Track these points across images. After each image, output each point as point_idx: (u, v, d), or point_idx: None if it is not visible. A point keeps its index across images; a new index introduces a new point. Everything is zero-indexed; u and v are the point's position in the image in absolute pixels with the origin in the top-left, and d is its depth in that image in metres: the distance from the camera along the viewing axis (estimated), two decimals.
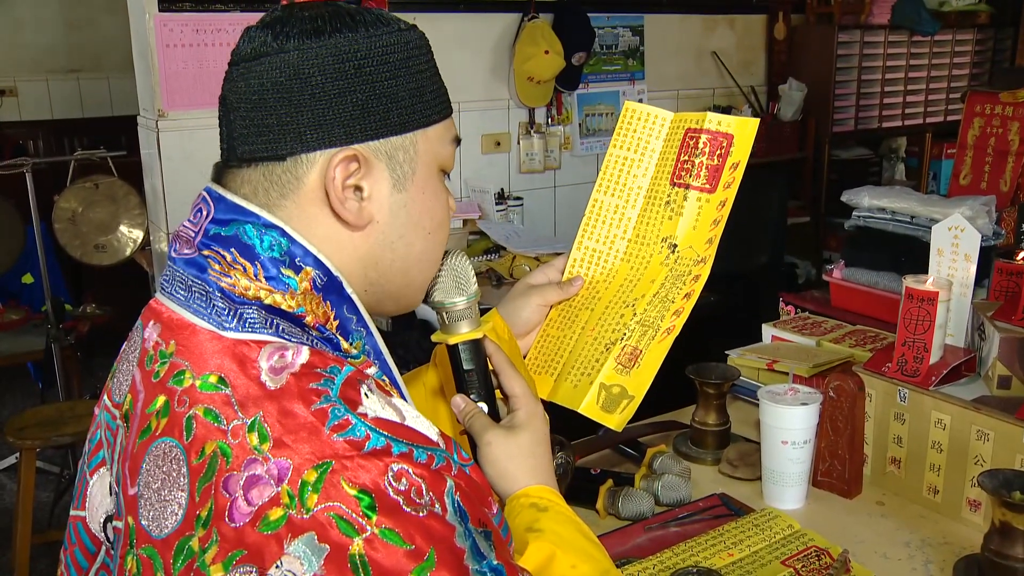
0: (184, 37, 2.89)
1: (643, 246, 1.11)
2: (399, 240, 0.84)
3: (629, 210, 1.13)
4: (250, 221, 0.78)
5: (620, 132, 1.15)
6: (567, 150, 3.80)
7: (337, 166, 0.78)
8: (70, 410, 2.98)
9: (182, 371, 0.73)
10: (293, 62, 0.77)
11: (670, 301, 1.05)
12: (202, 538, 0.67)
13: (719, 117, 1.07)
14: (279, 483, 0.66)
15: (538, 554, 0.82)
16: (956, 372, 1.40)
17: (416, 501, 0.67)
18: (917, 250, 1.80)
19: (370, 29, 0.79)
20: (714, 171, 1.06)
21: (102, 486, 0.83)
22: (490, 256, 3.14)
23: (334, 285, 0.80)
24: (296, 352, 0.72)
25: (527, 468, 0.91)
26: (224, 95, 0.81)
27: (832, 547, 1.23)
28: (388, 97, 0.79)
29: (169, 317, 0.78)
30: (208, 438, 0.69)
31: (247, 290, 0.76)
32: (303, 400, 0.69)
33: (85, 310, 3.86)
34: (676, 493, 1.38)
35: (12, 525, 2.98)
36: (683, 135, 1.09)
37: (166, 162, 2.94)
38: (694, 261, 1.06)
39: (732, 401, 1.70)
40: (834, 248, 4.18)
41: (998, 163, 2.22)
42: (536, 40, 3.44)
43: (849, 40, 4.27)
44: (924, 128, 4.59)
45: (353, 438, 0.68)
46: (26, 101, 5.31)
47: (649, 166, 1.13)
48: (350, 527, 0.65)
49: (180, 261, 0.79)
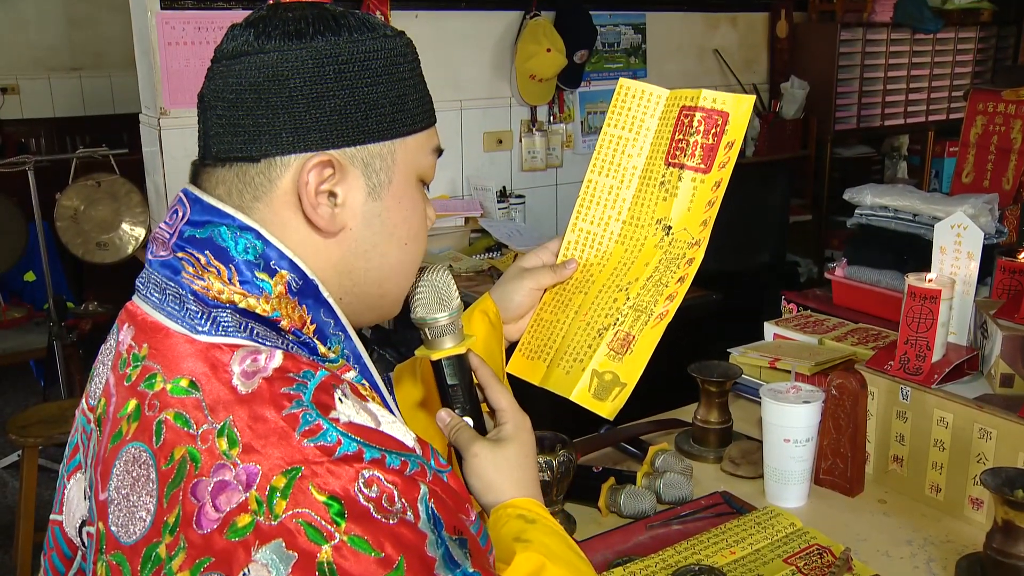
0: (186, 35, 2.89)
1: (637, 228, 1.10)
2: (373, 250, 0.82)
3: (624, 191, 1.12)
4: (225, 223, 0.77)
5: (614, 110, 1.13)
6: (569, 148, 3.80)
7: (311, 171, 0.77)
8: (72, 408, 2.95)
9: (153, 375, 0.72)
10: (272, 63, 0.75)
11: (663, 285, 1.03)
12: (169, 544, 0.66)
13: (714, 94, 1.06)
14: (247, 489, 0.65)
15: (527, 564, 0.81)
16: (958, 370, 1.40)
17: (387, 508, 0.66)
18: (919, 248, 1.80)
19: (354, 34, 0.78)
20: (709, 150, 1.05)
21: (78, 490, 0.82)
22: (492, 254, 3.14)
23: (310, 289, 0.79)
24: (269, 356, 0.71)
25: (514, 480, 0.90)
26: (203, 92, 0.80)
27: (834, 545, 1.23)
28: (367, 103, 0.78)
29: (143, 320, 0.77)
30: (177, 443, 0.68)
31: (220, 293, 0.75)
32: (274, 405, 0.68)
33: (87, 308, 3.87)
34: (678, 491, 1.38)
35: (15, 522, 2.98)
36: (678, 113, 1.08)
37: (168, 160, 2.94)
38: (688, 244, 1.04)
39: (734, 399, 1.69)
40: (836, 246, 4.17)
41: (1001, 161, 2.22)
42: (538, 38, 3.44)
43: (851, 38, 4.27)
44: (926, 126, 4.59)
45: (324, 443, 0.67)
46: (28, 99, 5.31)
47: (644, 145, 1.11)
48: (318, 534, 0.64)
49: (155, 263, 0.78)
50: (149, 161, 3.10)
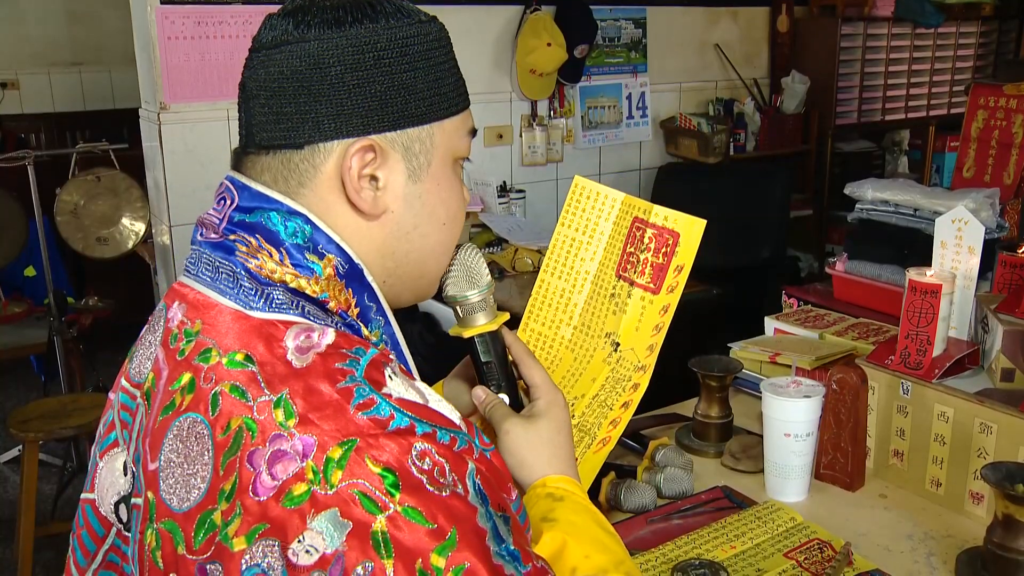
0: (186, 29, 2.88)
1: (588, 337, 1.07)
2: (414, 231, 0.84)
3: (576, 295, 1.09)
4: (274, 208, 0.79)
5: (568, 210, 1.10)
6: (569, 143, 3.79)
7: (354, 156, 0.79)
8: (73, 403, 2.99)
9: (208, 349, 0.74)
10: (313, 51, 0.77)
11: (608, 407, 1.02)
12: (225, 511, 0.67)
13: (666, 212, 1.03)
14: (303, 459, 0.66)
15: (551, 543, 0.82)
16: (959, 365, 1.40)
17: (439, 481, 0.67)
18: (920, 243, 1.80)
19: (390, 20, 0.79)
20: (659, 270, 1.02)
21: (112, 468, 0.83)
22: (492, 249, 3.14)
23: (355, 273, 0.81)
24: (322, 333, 0.73)
25: (546, 457, 0.91)
26: (244, 82, 0.82)
27: (834, 539, 1.23)
28: (406, 89, 0.80)
29: (195, 298, 0.78)
30: (234, 413, 0.70)
31: (273, 273, 0.77)
32: (328, 379, 0.70)
33: (87, 303, 3.87)
34: (678, 486, 1.38)
35: (15, 517, 2.99)
36: (631, 223, 1.05)
37: (168, 155, 2.94)
38: (635, 367, 1.02)
39: (735, 394, 1.69)
40: (837, 241, 4.17)
41: (1002, 155, 2.22)
42: (538, 32, 3.43)
43: (852, 32, 4.26)
44: (927, 121, 4.57)
45: (378, 417, 0.68)
46: (28, 94, 5.30)
47: (597, 250, 1.08)
48: (373, 504, 0.65)
49: (206, 244, 0.80)
50: (149, 156, 3.10)
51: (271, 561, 0.65)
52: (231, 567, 0.66)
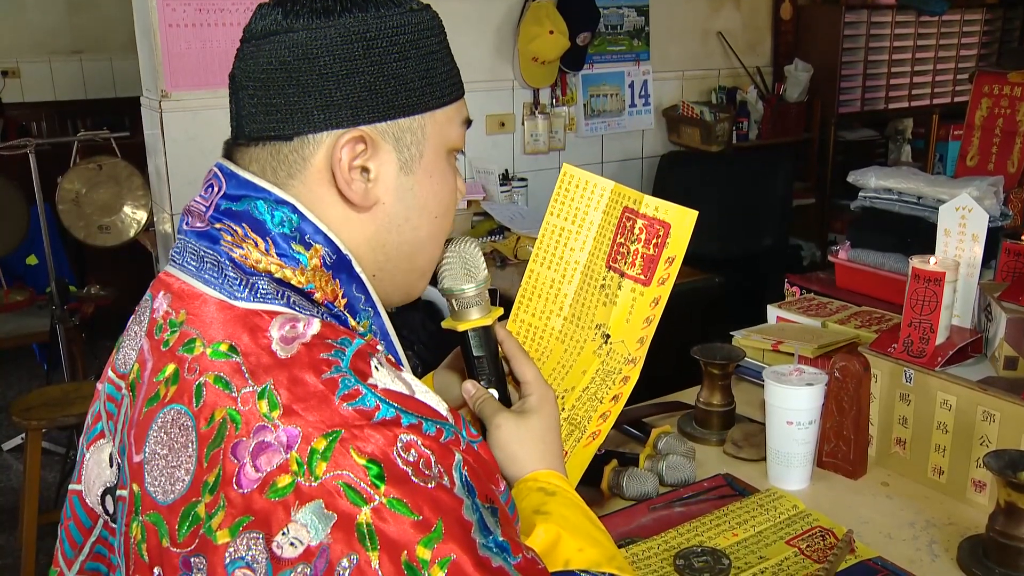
0: (187, 17, 2.87)
1: (578, 328, 1.06)
2: (405, 223, 0.83)
3: (565, 286, 1.07)
4: (261, 197, 0.78)
5: (557, 199, 1.08)
6: (571, 131, 3.78)
7: (343, 147, 0.78)
8: (75, 391, 2.99)
9: (192, 339, 0.74)
10: (301, 42, 0.76)
11: (598, 401, 1.01)
12: (208, 504, 0.67)
13: (656, 202, 1.00)
14: (288, 450, 0.66)
15: (545, 536, 0.82)
16: (962, 353, 1.40)
17: (425, 472, 0.67)
18: (924, 231, 1.79)
19: (380, 9, 0.78)
20: (649, 262, 1.00)
21: (98, 459, 0.83)
22: (494, 237, 3.14)
23: (343, 263, 0.80)
24: (307, 324, 0.72)
25: (537, 452, 0.91)
26: (233, 72, 0.81)
27: (837, 527, 1.23)
28: (396, 79, 0.79)
29: (180, 288, 0.78)
30: (218, 404, 0.69)
31: (258, 263, 0.76)
32: (313, 369, 0.69)
33: (89, 291, 3.87)
34: (680, 473, 1.38)
35: (19, 505, 3.00)
36: (621, 213, 1.03)
37: (169, 143, 2.93)
38: (625, 359, 1.01)
39: (737, 382, 1.69)
40: (839, 230, 4.16)
41: (1006, 144, 2.21)
42: (540, 20, 3.42)
43: (856, 20, 4.24)
44: (931, 109, 4.55)
45: (363, 408, 0.68)
46: (29, 82, 5.29)
47: (587, 240, 1.06)
48: (358, 496, 0.65)
49: (191, 233, 0.80)
50: (150, 144, 3.10)
51: (255, 554, 0.65)
52: (215, 560, 0.66)
